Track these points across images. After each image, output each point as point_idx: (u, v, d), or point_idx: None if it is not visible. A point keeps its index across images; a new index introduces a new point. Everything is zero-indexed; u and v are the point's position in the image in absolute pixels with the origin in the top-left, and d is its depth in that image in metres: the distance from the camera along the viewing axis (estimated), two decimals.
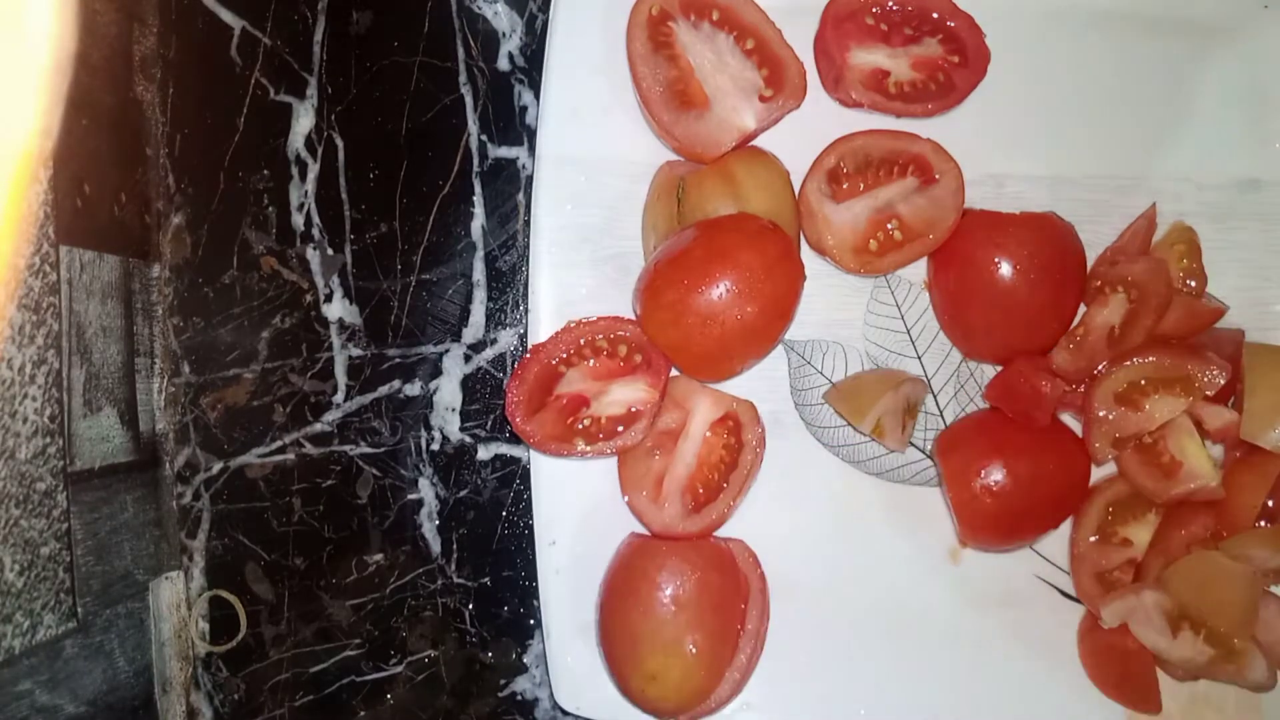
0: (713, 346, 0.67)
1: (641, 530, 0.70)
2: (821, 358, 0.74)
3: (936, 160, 0.70)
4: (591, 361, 0.70)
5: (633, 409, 0.69)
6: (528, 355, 0.70)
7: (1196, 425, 0.68)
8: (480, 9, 0.79)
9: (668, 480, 0.69)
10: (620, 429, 0.69)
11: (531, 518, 0.73)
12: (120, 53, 0.77)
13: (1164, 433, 0.69)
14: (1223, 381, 0.67)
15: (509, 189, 0.79)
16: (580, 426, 0.69)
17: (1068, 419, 0.72)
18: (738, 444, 0.69)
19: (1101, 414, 0.69)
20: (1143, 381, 0.68)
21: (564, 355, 0.70)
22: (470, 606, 0.78)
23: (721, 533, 0.70)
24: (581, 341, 0.70)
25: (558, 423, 0.69)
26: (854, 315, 0.74)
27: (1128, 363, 0.68)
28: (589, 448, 0.68)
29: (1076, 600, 0.72)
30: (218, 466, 0.79)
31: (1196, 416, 0.68)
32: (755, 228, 0.67)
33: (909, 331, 0.74)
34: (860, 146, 0.71)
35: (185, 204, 0.80)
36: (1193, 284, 0.71)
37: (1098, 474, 0.71)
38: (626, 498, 0.70)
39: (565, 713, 0.73)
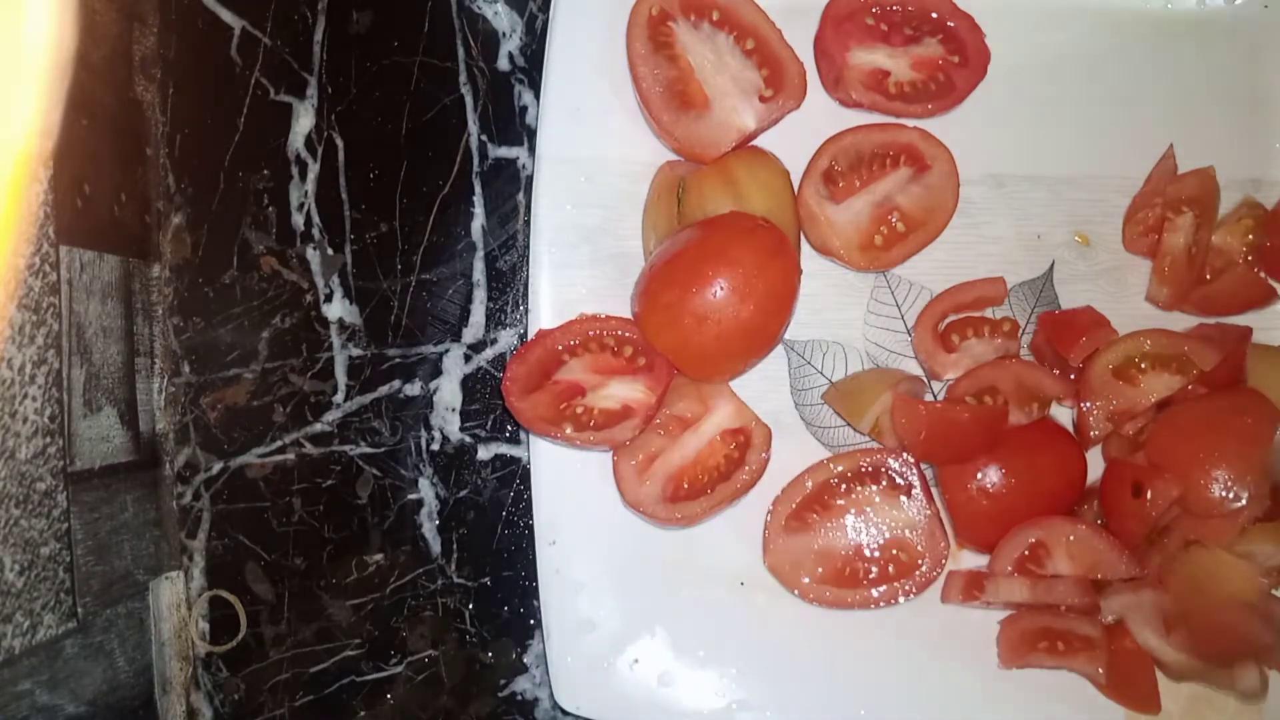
0: (711, 346, 0.67)
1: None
2: (821, 358, 0.74)
3: (926, 147, 0.70)
4: (595, 356, 0.70)
5: (627, 407, 0.69)
6: (533, 338, 0.70)
7: None
8: (480, 9, 0.79)
9: (660, 461, 0.69)
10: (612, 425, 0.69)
11: (531, 518, 0.72)
12: (120, 53, 0.77)
13: None
14: (1215, 361, 0.67)
15: (509, 189, 0.79)
16: (572, 413, 0.69)
17: (1066, 420, 0.72)
18: (739, 460, 0.69)
19: (1098, 388, 0.69)
20: (1138, 359, 0.69)
21: (570, 343, 0.70)
22: (470, 606, 0.78)
23: (720, 521, 0.70)
24: (590, 334, 0.70)
25: (550, 405, 0.69)
26: (854, 315, 0.74)
27: (1125, 339, 0.69)
28: (575, 434, 0.68)
29: None
30: (218, 466, 0.79)
31: None
32: (747, 224, 0.67)
33: (909, 331, 0.74)
34: (850, 144, 0.71)
35: (185, 204, 0.80)
36: (1252, 260, 0.71)
37: (1094, 477, 0.71)
38: (615, 458, 0.69)
39: (565, 713, 0.73)
